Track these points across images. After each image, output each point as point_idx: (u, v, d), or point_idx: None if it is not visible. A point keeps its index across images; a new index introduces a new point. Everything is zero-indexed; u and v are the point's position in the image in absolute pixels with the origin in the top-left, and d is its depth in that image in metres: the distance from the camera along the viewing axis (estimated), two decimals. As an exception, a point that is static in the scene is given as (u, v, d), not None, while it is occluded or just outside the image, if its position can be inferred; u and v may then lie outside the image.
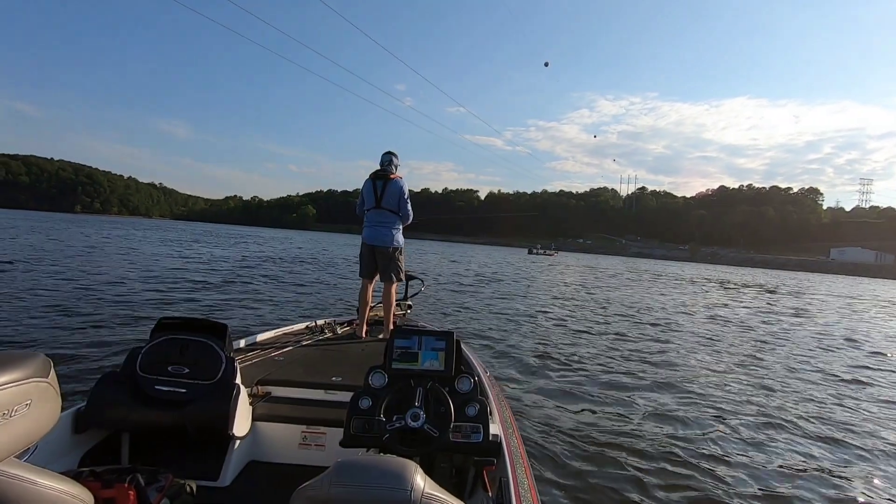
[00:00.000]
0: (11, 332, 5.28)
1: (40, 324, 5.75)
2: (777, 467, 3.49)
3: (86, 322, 6.09)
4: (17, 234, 23.81)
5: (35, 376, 0.74)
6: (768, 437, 4.08)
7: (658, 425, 4.13)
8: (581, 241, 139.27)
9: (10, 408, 0.69)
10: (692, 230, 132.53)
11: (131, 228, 50.58)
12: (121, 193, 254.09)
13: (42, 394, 0.75)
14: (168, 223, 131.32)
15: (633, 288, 20.51)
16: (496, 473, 1.64)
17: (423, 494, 0.71)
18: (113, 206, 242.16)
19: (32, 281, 9.06)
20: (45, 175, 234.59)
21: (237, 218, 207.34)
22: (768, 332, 10.39)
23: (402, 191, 4.01)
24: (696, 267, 64.26)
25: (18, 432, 0.71)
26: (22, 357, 0.74)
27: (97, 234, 31.56)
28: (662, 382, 5.48)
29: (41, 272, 10.40)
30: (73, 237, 26.05)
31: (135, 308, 7.39)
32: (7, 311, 6.31)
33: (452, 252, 40.28)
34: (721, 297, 18.81)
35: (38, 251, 15.68)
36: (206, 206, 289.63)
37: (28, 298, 7.30)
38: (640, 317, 11.29)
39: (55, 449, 1.66)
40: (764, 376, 6.20)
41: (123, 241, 26.60)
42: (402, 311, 4.44)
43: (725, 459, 3.53)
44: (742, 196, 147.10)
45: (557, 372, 5.71)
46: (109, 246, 21.41)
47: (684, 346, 7.92)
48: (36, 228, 33.00)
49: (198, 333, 1.98)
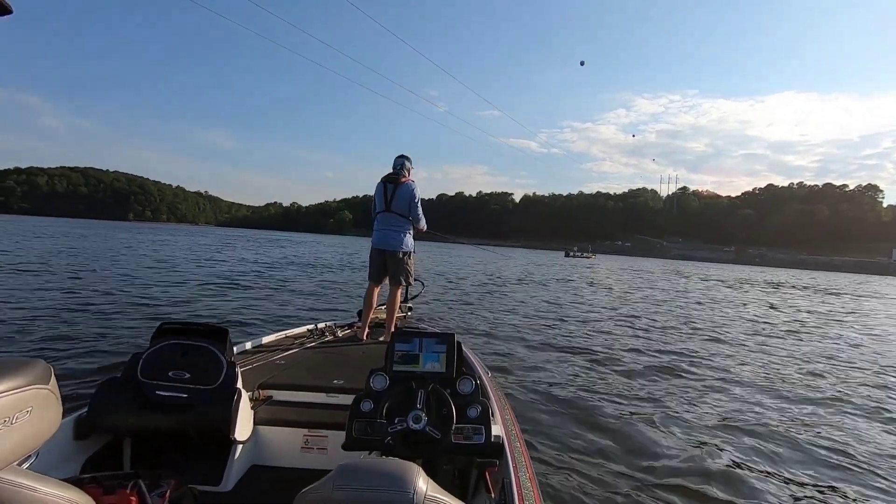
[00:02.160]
0: (12, 339, 5.27)
1: (41, 330, 5.70)
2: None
3: (87, 327, 6.06)
4: (50, 241, 24.37)
5: (35, 383, 0.74)
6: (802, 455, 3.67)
7: (666, 429, 3.97)
8: (619, 243, 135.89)
9: (11, 415, 0.69)
10: (737, 231, 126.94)
11: (170, 234, 52.65)
12: (170, 202, 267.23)
13: (43, 401, 0.75)
14: (211, 229, 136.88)
15: (680, 291, 19.70)
16: (499, 475, 1.63)
17: (426, 497, 0.71)
18: (162, 213, 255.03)
19: (40, 287, 9.06)
20: (101, 186, 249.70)
21: (277, 223, 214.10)
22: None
23: (413, 195, 3.93)
24: (746, 269, 61.23)
25: (19, 440, 0.71)
26: (22, 364, 0.74)
27: (133, 240, 32.66)
28: (671, 386, 5.23)
29: (51, 278, 10.45)
30: (104, 243, 26.51)
31: (137, 312, 7.35)
32: (10, 317, 6.27)
33: (485, 256, 39.78)
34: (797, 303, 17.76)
35: (57, 257, 15.89)
36: (248, 212, 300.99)
37: (32, 304, 7.26)
38: (679, 321, 10.78)
39: (57, 456, 1.65)
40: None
41: (150, 245, 27.12)
42: (402, 313, 4.39)
43: (739, 475, 3.20)
44: (792, 195, 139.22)
45: (560, 371, 5.56)
46: (135, 251, 21.72)
47: (710, 351, 7.45)
48: (74, 234, 34.23)
49: (198, 338, 1.97)
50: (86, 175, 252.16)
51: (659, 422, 4.07)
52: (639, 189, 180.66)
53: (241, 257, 23.11)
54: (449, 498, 0.76)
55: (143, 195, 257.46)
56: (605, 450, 3.44)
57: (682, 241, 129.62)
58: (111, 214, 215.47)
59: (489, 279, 19.20)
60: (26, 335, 5.44)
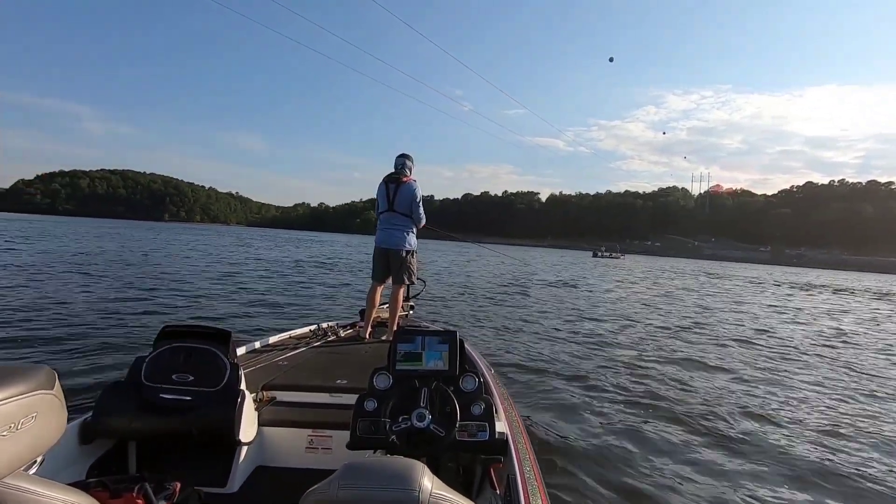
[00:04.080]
0: (16, 344, 5.24)
1: (45, 334, 5.69)
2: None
3: (92, 331, 6.04)
4: (75, 243, 24.08)
5: (40, 389, 0.75)
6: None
7: (669, 425, 3.94)
8: (648, 243, 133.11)
9: (17, 421, 0.70)
10: (773, 231, 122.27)
11: (200, 234, 53.60)
12: (203, 203, 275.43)
13: (48, 406, 0.76)
14: (241, 229, 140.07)
15: (719, 291, 18.98)
16: (504, 471, 1.64)
17: (431, 494, 0.71)
18: (196, 214, 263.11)
19: (47, 289, 9.05)
20: (138, 188, 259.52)
21: (305, 223, 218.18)
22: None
23: (415, 194, 3.95)
24: (786, 271, 58.58)
25: (25, 445, 0.71)
26: (26, 370, 0.75)
27: (157, 239, 33.47)
28: (681, 379, 5.24)
29: (60, 280, 10.43)
30: (129, 243, 26.76)
31: (141, 315, 7.30)
32: (13, 323, 6.22)
33: (514, 256, 39.25)
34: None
35: (73, 258, 15.88)
36: (278, 213, 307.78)
37: (36, 308, 7.20)
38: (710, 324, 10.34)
39: (62, 460, 1.67)
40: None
41: (168, 245, 27.63)
42: (404, 311, 4.37)
43: (749, 475, 3.13)
44: (833, 192, 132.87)
45: (564, 371, 5.45)
46: (154, 251, 21.92)
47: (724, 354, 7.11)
48: (104, 235, 34.64)
49: (201, 341, 1.98)
50: (124, 177, 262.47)
51: (665, 419, 4.03)
52: (669, 187, 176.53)
53: (259, 256, 23.54)
54: (454, 495, 0.76)
55: (177, 196, 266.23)
56: (611, 446, 3.41)
57: (715, 241, 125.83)
58: (148, 215, 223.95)
59: (502, 280, 18.89)
60: (30, 339, 5.44)
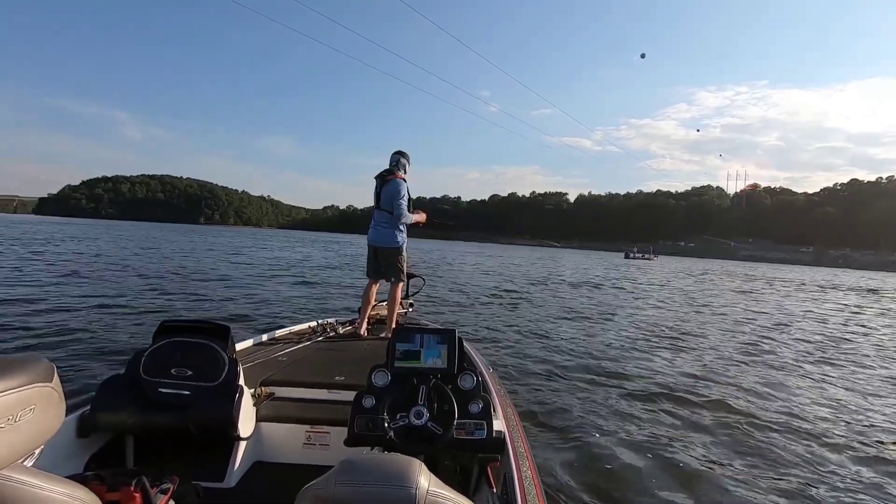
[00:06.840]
0: (15, 337, 5.27)
1: (44, 327, 5.76)
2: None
3: (91, 324, 6.08)
4: (95, 244, 24.42)
5: (38, 381, 0.75)
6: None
7: (669, 424, 3.94)
8: (682, 244, 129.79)
9: (15, 413, 0.70)
10: (815, 231, 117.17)
11: (233, 237, 54.54)
12: (236, 206, 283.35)
13: (46, 398, 0.76)
14: (273, 231, 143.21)
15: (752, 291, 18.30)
16: (501, 470, 1.64)
17: (428, 492, 0.72)
18: (229, 217, 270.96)
19: (55, 287, 9.16)
20: (176, 192, 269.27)
21: (334, 225, 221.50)
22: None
23: (398, 191, 3.95)
24: (836, 273, 55.58)
25: (23, 437, 0.72)
26: (24, 362, 0.75)
27: (184, 240, 34.18)
28: (676, 387, 5.02)
29: (71, 279, 10.56)
30: (145, 243, 27.17)
31: (141, 310, 7.32)
32: (13, 316, 6.28)
33: (541, 257, 38.97)
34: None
35: (90, 258, 15.93)
36: (307, 215, 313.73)
37: (37, 303, 7.30)
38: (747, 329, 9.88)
39: (60, 453, 1.67)
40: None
41: (189, 245, 28.18)
42: (403, 309, 4.39)
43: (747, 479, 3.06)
44: (880, 190, 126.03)
45: (564, 371, 5.39)
46: (173, 251, 22.27)
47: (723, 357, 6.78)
48: (126, 237, 35.11)
49: (200, 336, 1.98)
50: (162, 182, 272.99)
51: (663, 420, 4.01)
52: (703, 187, 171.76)
53: (292, 257, 23.88)
54: (451, 493, 0.77)
55: (212, 200, 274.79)
56: (608, 445, 3.41)
57: (752, 242, 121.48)
58: (185, 218, 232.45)
59: (520, 282, 18.68)
60: (28, 332, 5.54)
